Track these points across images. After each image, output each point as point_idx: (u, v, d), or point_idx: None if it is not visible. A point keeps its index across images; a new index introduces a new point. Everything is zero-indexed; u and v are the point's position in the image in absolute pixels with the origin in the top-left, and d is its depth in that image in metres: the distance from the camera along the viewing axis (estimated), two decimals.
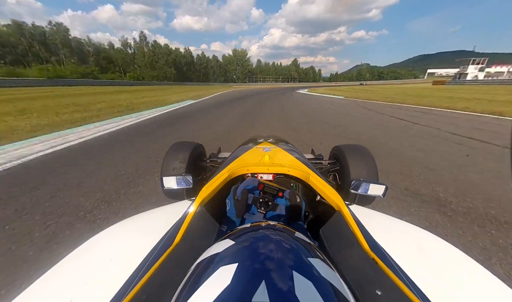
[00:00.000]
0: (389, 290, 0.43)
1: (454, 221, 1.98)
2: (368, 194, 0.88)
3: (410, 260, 0.62)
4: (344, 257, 0.53)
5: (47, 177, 2.83)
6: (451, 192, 2.48)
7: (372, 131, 5.71)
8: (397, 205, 2.24)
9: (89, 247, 0.71)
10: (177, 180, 0.98)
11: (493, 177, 2.87)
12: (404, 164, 3.34)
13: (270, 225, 0.43)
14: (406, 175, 2.95)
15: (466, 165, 3.29)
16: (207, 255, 0.35)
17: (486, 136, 4.92)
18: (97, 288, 0.55)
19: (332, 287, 0.29)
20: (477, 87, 28.78)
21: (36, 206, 2.18)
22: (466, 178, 2.85)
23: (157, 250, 0.60)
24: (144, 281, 0.45)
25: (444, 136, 5.02)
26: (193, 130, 5.84)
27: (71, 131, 5.27)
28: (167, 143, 3.95)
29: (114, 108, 9.12)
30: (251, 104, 13.04)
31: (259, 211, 0.82)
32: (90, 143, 4.45)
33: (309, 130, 5.81)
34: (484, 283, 0.58)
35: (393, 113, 8.59)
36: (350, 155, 1.51)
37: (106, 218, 2.01)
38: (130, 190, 2.50)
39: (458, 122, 6.55)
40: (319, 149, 3.97)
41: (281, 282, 0.27)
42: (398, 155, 3.83)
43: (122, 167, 3.17)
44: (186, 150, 1.65)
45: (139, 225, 0.83)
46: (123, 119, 6.98)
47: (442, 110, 9.24)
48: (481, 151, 3.96)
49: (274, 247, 0.33)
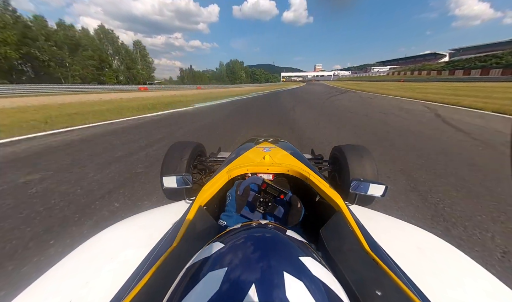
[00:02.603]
0: (389, 290, 0.43)
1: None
2: (368, 194, 0.88)
3: (410, 260, 0.62)
4: (344, 257, 0.53)
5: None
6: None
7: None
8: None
9: (89, 247, 0.71)
10: (177, 180, 0.98)
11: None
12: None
13: (261, 224, 0.43)
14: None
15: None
16: (196, 259, 0.34)
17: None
18: (97, 288, 0.55)
19: (324, 286, 0.29)
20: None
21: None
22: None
23: (157, 250, 0.60)
24: (144, 281, 0.45)
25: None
26: None
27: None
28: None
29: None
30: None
31: (258, 210, 0.83)
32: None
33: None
34: (483, 283, 0.58)
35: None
36: (350, 155, 1.51)
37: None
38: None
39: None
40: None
41: (272, 285, 0.26)
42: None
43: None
44: (186, 149, 1.65)
45: (139, 225, 0.83)
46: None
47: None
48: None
49: (264, 248, 0.33)
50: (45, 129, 4.94)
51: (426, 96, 11.90)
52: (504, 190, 2.23)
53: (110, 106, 9.47)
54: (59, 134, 4.68)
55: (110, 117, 6.63)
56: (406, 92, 15.35)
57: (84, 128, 5.30)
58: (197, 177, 1.86)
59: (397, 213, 1.88)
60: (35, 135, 4.51)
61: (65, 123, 5.57)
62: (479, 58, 43.52)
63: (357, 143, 1.96)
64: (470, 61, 44.87)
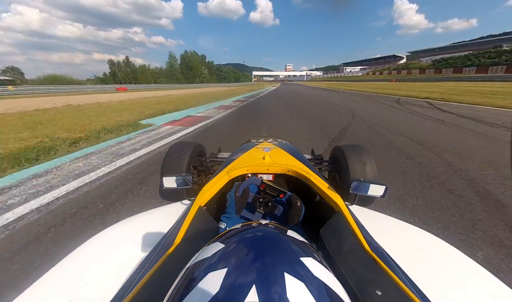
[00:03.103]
0: (389, 290, 0.43)
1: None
2: (368, 194, 0.88)
3: (410, 260, 0.62)
4: (344, 257, 0.53)
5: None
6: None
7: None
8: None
9: (89, 247, 0.71)
10: (177, 180, 0.98)
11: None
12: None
13: (262, 224, 0.43)
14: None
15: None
16: (196, 260, 0.34)
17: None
18: (97, 288, 0.55)
19: (325, 286, 0.29)
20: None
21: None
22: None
23: (157, 250, 0.60)
24: (144, 281, 0.45)
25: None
26: None
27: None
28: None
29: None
30: None
31: (258, 210, 0.82)
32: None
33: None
34: (484, 283, 0.58)
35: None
36: (350, 156, 1.51)
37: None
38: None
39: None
40: None
41: (272, 285, 0.26)
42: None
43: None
44: (186, 150, 1.65)
45: (139, 225, 0.83)
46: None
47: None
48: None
49: (264, 249, 0.33)
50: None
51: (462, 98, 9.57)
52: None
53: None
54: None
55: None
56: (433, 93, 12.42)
57: None
58: (197, 177, 1.86)
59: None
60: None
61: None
62: (468, 56, 46.14)
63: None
64: (456, 60, 47.72)
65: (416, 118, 6.08)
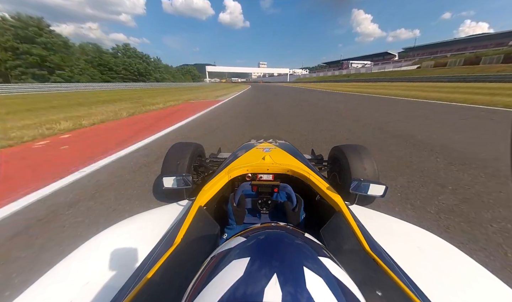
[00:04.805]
0: (389, 290, 0.43)
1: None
2: (368, 194, 0.88)
3: (410, 260, 0.62)
4: (344, 257, 0.53)
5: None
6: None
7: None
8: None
9: (89, 247, 0.71)
10: (177, 180, 0.98)
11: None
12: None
13: (280, 226, 0.44)
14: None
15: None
16: (219, 250, 0.35)
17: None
18: (97, 288, 0.55)
19: (342, 284, 0.29)
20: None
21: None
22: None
23: (157, 250, 0.60)
24: (144, 281, 0.45)
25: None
26: None
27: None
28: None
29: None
30: None
31: (262, 212, 0.82)
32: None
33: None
34: (484, 283, 0.58)
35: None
36: (350, 155, 1.50)
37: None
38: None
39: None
40: None
41: (292, 276, 0.27)
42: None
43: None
44: (186, 150, 1.65)
45: (139, 225, 0.83)
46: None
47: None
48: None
49: (284, 244, 0.34)
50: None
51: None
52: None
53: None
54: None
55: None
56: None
57: None
58: (197, 177, 1.86)
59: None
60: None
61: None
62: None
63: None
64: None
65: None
